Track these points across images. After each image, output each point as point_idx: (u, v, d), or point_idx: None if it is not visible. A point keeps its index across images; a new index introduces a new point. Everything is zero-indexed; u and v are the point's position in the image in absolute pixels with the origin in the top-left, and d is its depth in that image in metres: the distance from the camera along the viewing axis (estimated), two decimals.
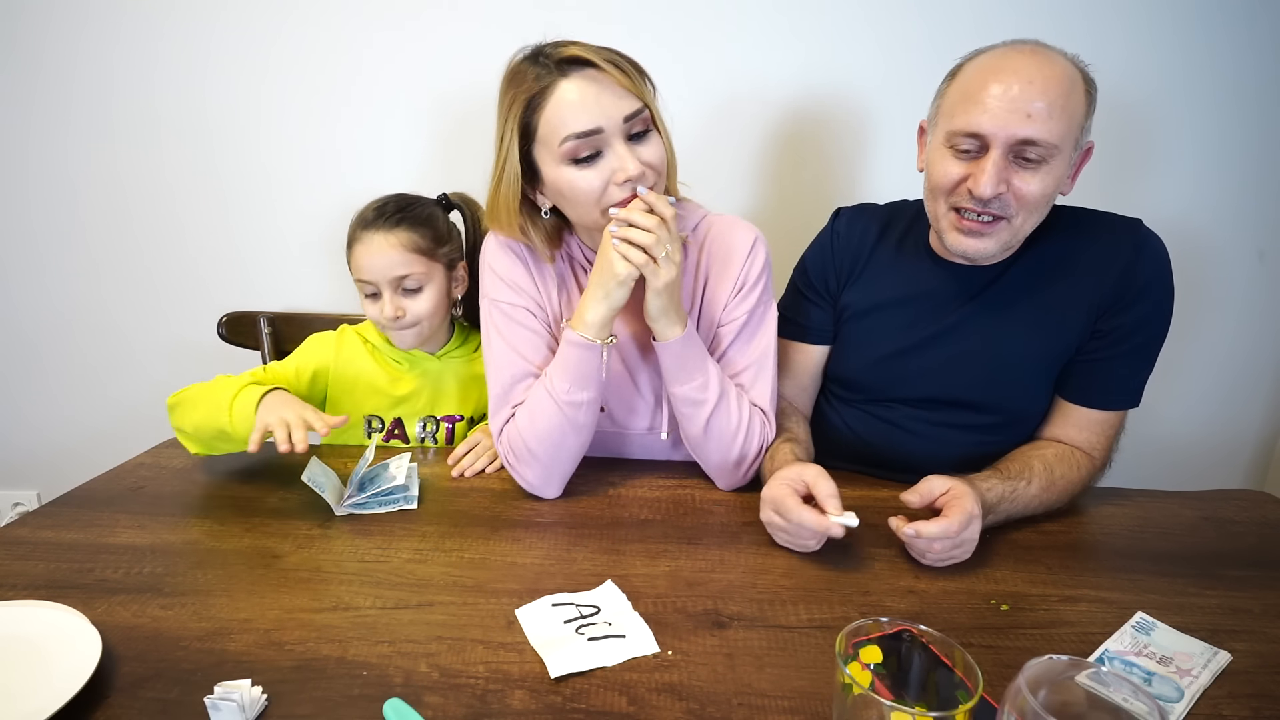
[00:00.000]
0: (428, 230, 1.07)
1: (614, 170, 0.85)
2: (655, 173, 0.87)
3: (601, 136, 0.84)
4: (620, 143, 0.85)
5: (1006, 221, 0.88)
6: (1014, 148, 0.84)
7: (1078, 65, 0.86)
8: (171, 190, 1.48)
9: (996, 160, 0.84)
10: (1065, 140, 0.84)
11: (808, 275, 1.09)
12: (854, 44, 1.30)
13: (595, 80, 0.84)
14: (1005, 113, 0.83)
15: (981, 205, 0.87)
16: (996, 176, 0.84)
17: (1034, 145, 0.83)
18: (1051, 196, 0.88)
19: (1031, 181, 0.85)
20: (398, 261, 1.03)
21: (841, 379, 1.09)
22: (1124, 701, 0.47)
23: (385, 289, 1.04)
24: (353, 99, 1.40)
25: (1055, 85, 0.83)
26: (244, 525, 0.89)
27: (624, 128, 0.85)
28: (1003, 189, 0.85)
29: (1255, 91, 1.27)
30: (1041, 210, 0.89)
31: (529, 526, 0.90)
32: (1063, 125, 0.83)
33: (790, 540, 0.84)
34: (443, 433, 1.16)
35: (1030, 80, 0.83)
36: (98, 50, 1.40)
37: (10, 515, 1.72)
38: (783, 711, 0.61)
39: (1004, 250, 0.92)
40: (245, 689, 0.60)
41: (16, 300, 1.58)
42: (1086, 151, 0.89)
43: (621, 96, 0.84)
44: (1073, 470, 0.93)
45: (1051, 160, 0.85)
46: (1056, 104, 0.83)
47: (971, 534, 0.79)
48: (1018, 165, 0.85)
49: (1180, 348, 1.01)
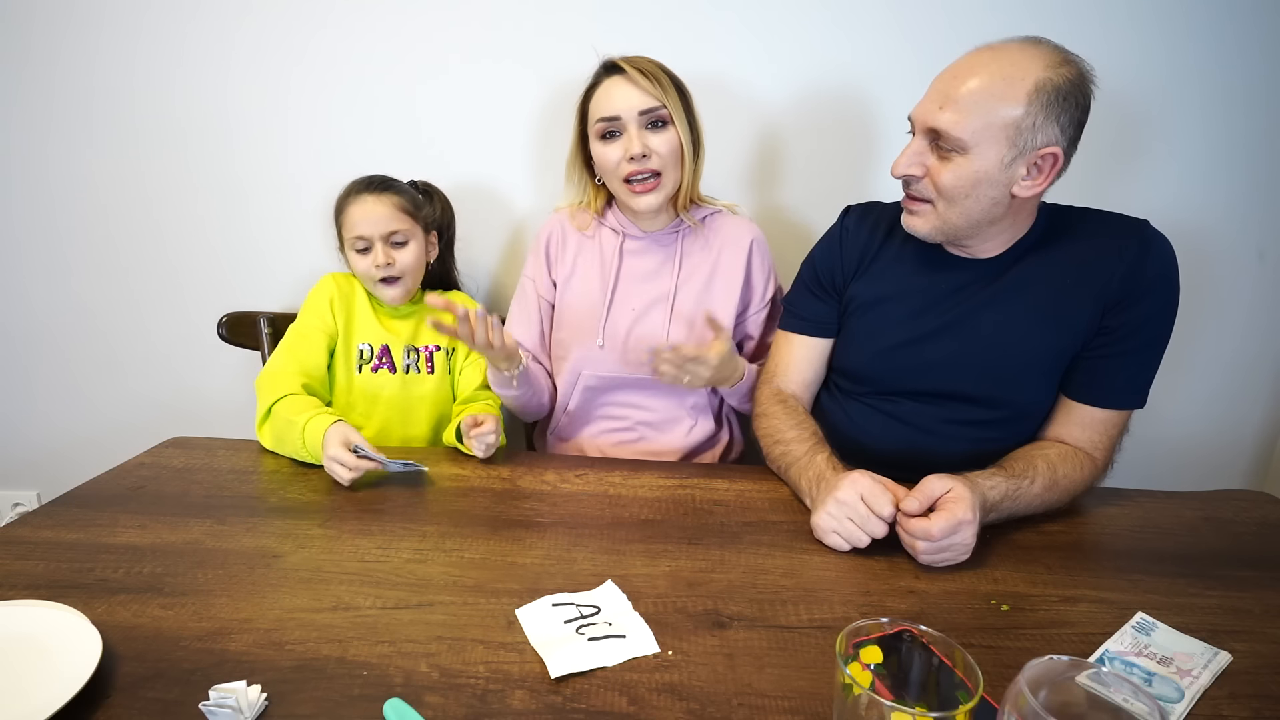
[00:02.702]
0: (409, 197, 1.25)
1: (626, 149, 1.10)
2: (659, 157, 1.10)
3: (619, 122, 1.10)
4: (635, 129, 1.10)
5: (930, 205, 0.92)
6: (928, 134, 0.89)
7: (1055, 68, 0.83)
8: (174, 190, 1.48)
9: (912, 144, 0.91)
10: (978, 137, 0.85)
11: (815, 270, 1.11)
12: (862, 42, 1.30)
13: (623, 81, 1.09)
14: (928, 101, 0.89)
15: (905, 186, 0.94)
16: (905, 159, 0.92)
17: (941, 136, 0.87)
18: (969, 191, 0.88)
19: (943, 171, 0.89)
20: (389, 217, 1.20)
21: (846, 371, 1.09)
22: (1124, 702, 0.47)
23: (377, 242, 1.20)
24: (357, 101, 1.40)
25: (980, 81, 0.84)
26: (244, 525, 0.89)
27: (640, 119, 1.09)
28: (917, 171, 0.91)
29: (1255, 91, 1.27)
30: (960, 201, 0.89)
31: (529, 526, 0.90)
32: (974, 121, 0.84)
33: (849, 529, 0.83)
34: (423, 360, 1.28)
35: (956, 75, 0.86)
36: (112, 51, 1.40)
37: (10, 515, 1.72)
38: (783, 712, 0.61)
39: (937, 233, 0.94)
40: (241, 691, 0.60)
41: (17, 300, 1.57)
42: (1053, 159, 0.86)
43: (641, 94, 1.09)
44: (1075, 470, 0.93)
45: (965, 154, 0.86)
46: (971, 100, 0.84)
47: (962, 538, 0.79)
48: (937, 154, 0.89)
49: (1180, 347, 1.01)
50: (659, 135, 1.10)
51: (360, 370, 1.23)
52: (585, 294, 1.22)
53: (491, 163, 1.43)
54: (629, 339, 1.20)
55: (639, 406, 1.24)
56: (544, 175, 1.43)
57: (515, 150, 1.42)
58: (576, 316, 1.23)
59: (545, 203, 1.44)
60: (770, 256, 1.24)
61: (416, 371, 1.27)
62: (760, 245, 1.22)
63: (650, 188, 1.12)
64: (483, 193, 1.45)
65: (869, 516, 0.82)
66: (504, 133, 1.41)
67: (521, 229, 1.48)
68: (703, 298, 1.20)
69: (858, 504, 0.83)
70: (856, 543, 0.83)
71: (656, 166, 1.11)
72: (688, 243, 1.22)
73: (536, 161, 1.43)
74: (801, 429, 1.01)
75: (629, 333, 1.20)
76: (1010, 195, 0.89)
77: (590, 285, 1.22)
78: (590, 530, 0.89)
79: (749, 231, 1.22)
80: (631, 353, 1.20)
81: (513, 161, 1.43)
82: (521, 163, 1.43)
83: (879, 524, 0.82)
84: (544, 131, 1.40)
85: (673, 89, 1.10)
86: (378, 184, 1.22)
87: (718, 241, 1.21)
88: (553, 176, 1.41)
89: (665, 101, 1.09)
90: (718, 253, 1.21)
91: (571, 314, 1.23)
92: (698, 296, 1.20)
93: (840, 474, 0.88)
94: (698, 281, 1.20)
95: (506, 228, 1.48)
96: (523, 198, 1.46)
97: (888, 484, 0.85)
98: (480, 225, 1.46)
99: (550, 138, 1.38)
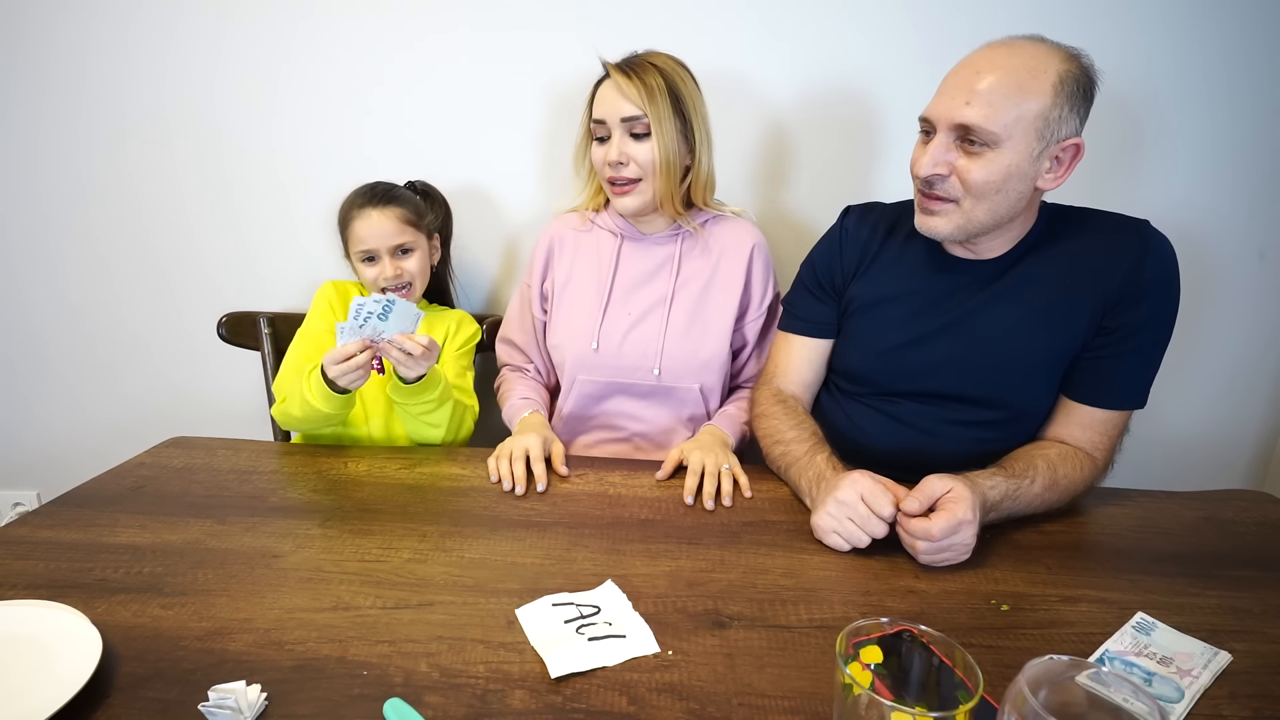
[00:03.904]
0: (411, 205, 1.26)
1: (606, 153, 1.12)
2: (637, 165, 1.11)
3: (605, 126, 1.11)
4: (619, 135, 1.10)
5: (955, 204, 0.91)
6: (955, 132, 0.88)
7: (1067, 61, 0.85)
8: (175, 191, 1.48)
9: (938, 142, 0.89)
10: (1010, 130, 0.84)
11: (815, 271, 1.11)
12: (867, 42, 1.30)
13: (613, 87, 1.10)
14: (948, 98, 0.88)
15: (928, 186, 0.91)
16: (932, 158, 0.89)
17: (972, 131, 0.86)
18: (1000, 185, 0.88)
19: (973, 167, 0.87)
20: (394, 230, 1.21)
21: (846, 372, 1.09)
22: (1124, 702, 0.47)
23: (384, 254, 1.21)
24: (351, 100, 1.40)
25: (1004, 75, 0.84)
26: (244, 525, 0.89)
27: (623, 125, 1.09)
28: (943, 171, 0.89)
29: (1256, 92, 1.27)
30: (990, 197, 0.89)
31: (529, 526, 0.90)
32: (1006, 115, 0.84)
33: (849, 529, 0.83)
34: None
35: (978, 70, 0.86)
36: (107, 50, 1.39)
37: (10, 515, 1.72)
38: (783, 712, 0.61)
39: (959, 233, 0.93)
40: (241, 691, 0.60)
41: (17, 301, 1.57)
42: (1075, 149, 0.88)
43: (626, 102, 1.08)
44: (1075, 470, 0.93)
45: (997, 148, 0.86)
46: (999, 93, 0.84)
47: (962, 539, 0.79)
48: (963, 151, 0.88)
49: (1180, 348, 1.01)
50: (639, 144, 1.10)
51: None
52: (582, 296, 1.22)
53: (491, 161, 1.43)
54: (624, 344, 1.19)
55: (635, 417, 1.23)
56: (543, 176, 1.43)
57: (514, 150, 1.42)
58: (573, 318, 1.22)
59: (543, 203, 1.44)
60: (771, 262, 1.24)
61: None
62: (761, 251, 1.21)
63: (627, 190, 1.13)
64: (479, 193, 1.45)
65: (869, 517, 0.82)
66: (504, 131, 1.40)
67: (518, 230, 1.48)
68: (700, 303, 1.19)
69: (858, 504, 0.83)
70: (857, 543, 0.83)
71: (633, 174, 1.11)
72: (687, 247, 1.21)
73: (536, 161, 1.42)
74: (801, 429, 1.01)
75: (625, 337, 1.19)
76: (1034, 188, 0.89)
77: (587, 287, 1.22)
78: (590, 530, 0.89)
79: (750, 237, 1.21)
80: (627, 357, 1.19)
81: (511, 161, 1.43)
82: (520, 162, 1.43)
83: (879, 524, 0.82)
84: (544, 132, 1.40)
85: (664, 99, 1.08)
86: (381, 195, 1.22)
87: (718, 247, 1.21)
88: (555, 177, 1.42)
89: (648, 112, 1.07)
90: (717, 258, 1.20)
91: (568, 316, 1.23)
92: (695, 301, 1.19)
93: (840, 474, 0.88)
94: (695, 286, 1.19)
95: (506, 228, 1.48)
96: (520, 198, 1.46)
97: (888, 484, 0.85)
98: (482, 227, 1.47)
99: (554, 138, 1.38)
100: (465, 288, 1.49)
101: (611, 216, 1.23)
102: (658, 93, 1.07)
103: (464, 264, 1.47)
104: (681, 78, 1.11)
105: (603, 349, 1.19)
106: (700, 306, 1.19)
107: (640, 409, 1.22)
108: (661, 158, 1.10)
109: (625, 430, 1.24)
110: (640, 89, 1.07)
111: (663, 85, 1.08)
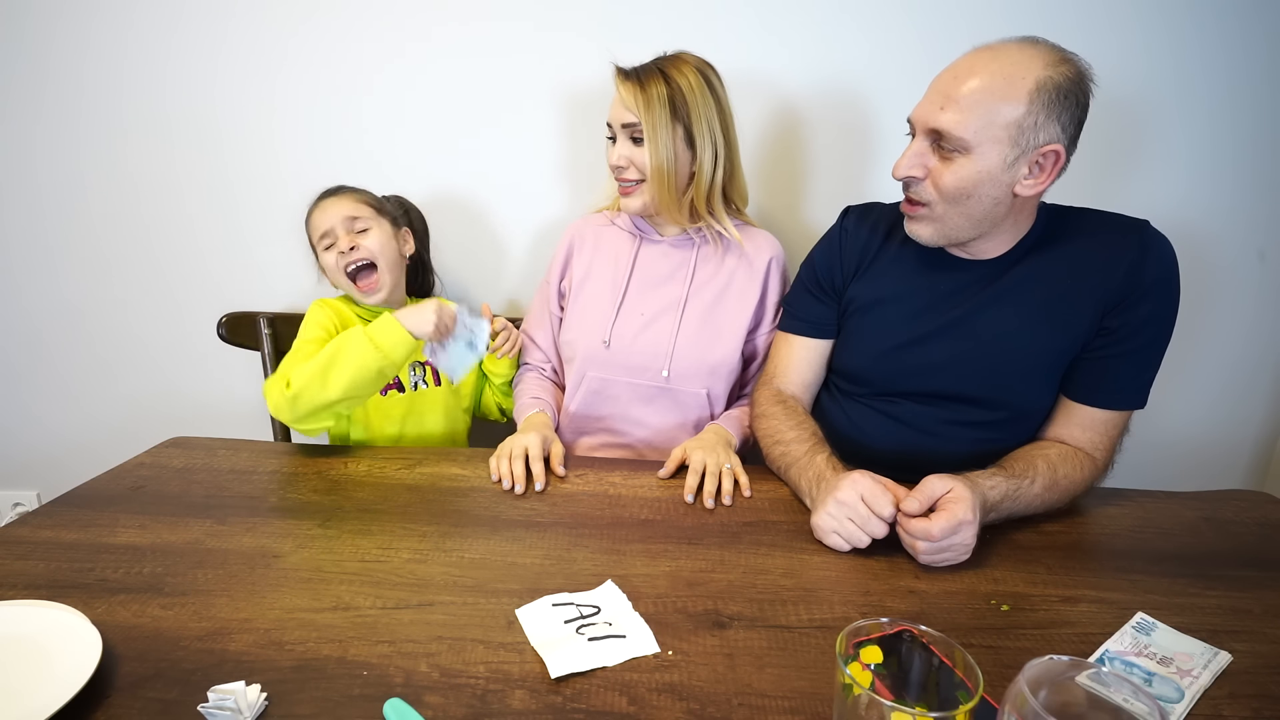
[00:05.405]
0: (367, 194, 1.26)
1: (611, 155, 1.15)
2: (637, 169, 1.13)
3: (613, 129, 1.14)
4: (623, 139, 1.13)
5: (928, 208, 0.92)
6: (930, 135, 0.89)
7: (1054, 66, 0.83)
8: (175, 191, 1.48)
9: (912, 145, 0.91)
10: (980, 136, 0.85)
11: (815, 272, 1.11)
12: (865, 44, 1.30)
13: (620, 91, 1.11)
14: (928, 102, 0.89)
15: (905, 189, 0.94)
16: (906, 160, 0.91)
17: (943, 136, 0.86)
18: (971, 191, 0.88)
19: (945, 172, 0.88)
20: (348, 208, 1.21)
21: (846, 372, 1.09)
22: (1124, 702, 0.47)
23: (340, 231, 1.19)
24: (355, 101, 1.40)
25: (981, 81, 0.84)
26: (244, 525, 0.89)
27: (624, 130, 1.12)
28: (918, 173, 0.90)
29: (1255, 90, 1.27)
30: (962, 203, 0.89)
31: (529, 526, 0.90)
32: (977, 121, 0.84)
33: (849, 530, 0.83)
34: (429, 373, 1.28)
35: (958, 74, 0.86)
36: (107, 50, 1.39)
37: (10, 515, 1.72)
38: (783, 712, 0.61)
39: (939, 238, 0.94)
40: (241, 691, 0.60)
41: (17, 301, 1.57)
42: (1055, 156, 0.86)
43: (627, 107, 1.10)
44: (1076, 470, 0.93)
45: (968, 154, 0.86)
46: (972, 99, 0.84)
47: (962, 539, 0.79)
48: (939, 155, 0.89)
49: (1180, 348, 1.00)
50: (639, 149, 1.12)
51: None
52: (597, 292, 1.22)
53: (494, 159, 1.43)
54: (635, 343, 1.19)
55: (640, 422, 1.21)
56: (551, 176, 1.43)
57: (519, 149, 1.41)
58: (587, 314, 1.22)
59: (550, 204, 1.44)
60: (789, 277, 1.22)
61: (424, 385, 1.27)
62: (779, 264, 1.21)
63: (630, 191, 1.16)
64: (480, 192, 1.45)
65: (869, 517, 0.82)
66: (509, 130, 1.40)
67: (524, 230, 1.48)
68: (714, 309, 1.19)
69: (858, 504, 0.83)
70: (857, 543, 0.83)
71: (634, 177, 1.14)
72: (704, 253, 1.21)
73: (541, 161, 1.42)
74: (801, 429, 1.01)
75: (636, 336, 1.19)
76: (1013, 195, 0.89)
77: (603, 284, 1.22)
78: (590, 530, 0.89)
79: (769, 250, 1.21)
80: (637, 356, 1.19)
81: (515, 160, 1.42)
82: (524, 162, 1.42)
83: (879, 524, 0.82)
84: (552, 131, 1.39)
85: (662, 107, 1.08)
86: (334, 189, 1.24)
87: (736, 256, 1.20)
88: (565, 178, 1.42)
89: (643, 119, 1.08)
90: (734, 268, 1.20)
91: (583, 312, 1.23)
92: (709, 307, 1.19)
93: (840, 474, 0.88)
94: (710, 293, 1.19)
95: (508, 228, 1.48)
96: (523, 198, 1.45)
97: (888, 484, 0.85)
98: (483, 227, 1.46)
99: (563, 138, 1.38)
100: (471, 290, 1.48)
101: (629, 216, 1.24)
102: (655, 101, 1.08)
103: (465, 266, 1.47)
104: (692, 86, 1.09)
105: (614, 346, 1.19)
106: (713, 312, 1.19)
107: (646, 413, 1.21)
108: (654, 165, 1.11)
109: (629, 436, 1.23)
110: (638, 96, 1.08)
111: (663, 94, 1.08)
